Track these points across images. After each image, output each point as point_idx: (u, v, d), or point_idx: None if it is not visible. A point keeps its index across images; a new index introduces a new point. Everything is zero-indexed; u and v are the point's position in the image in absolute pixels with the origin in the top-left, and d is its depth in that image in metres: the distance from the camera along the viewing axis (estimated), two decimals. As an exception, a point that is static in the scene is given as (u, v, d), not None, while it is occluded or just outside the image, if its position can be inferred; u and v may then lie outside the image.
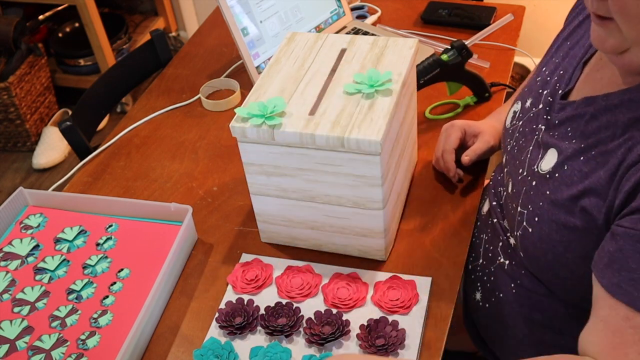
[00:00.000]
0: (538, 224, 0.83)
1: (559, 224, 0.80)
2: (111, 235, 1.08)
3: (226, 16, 1.31)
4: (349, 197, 0.94)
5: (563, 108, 0.84)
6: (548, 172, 0.82)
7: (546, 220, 0.82)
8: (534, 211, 0.84)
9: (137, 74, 1.61)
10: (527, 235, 0.86)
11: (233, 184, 1.18)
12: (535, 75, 0.95)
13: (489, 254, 0.99)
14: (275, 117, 0.89)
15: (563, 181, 0.80)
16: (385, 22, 1.59)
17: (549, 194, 0.81)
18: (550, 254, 0.82)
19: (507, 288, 0.95)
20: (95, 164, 1.27)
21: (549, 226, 0.81)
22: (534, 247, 0.84)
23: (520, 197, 0.88)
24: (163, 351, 0.93)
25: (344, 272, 0.99)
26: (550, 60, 0.94)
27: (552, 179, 0.81)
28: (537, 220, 0.83)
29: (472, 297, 1.03)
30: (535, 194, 0.84)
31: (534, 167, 0.86)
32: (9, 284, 1.02)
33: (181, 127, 1.34)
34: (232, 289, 0.99)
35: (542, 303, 0.91)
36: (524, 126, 0.92)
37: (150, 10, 2.87)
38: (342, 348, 0.89)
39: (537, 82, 0.93)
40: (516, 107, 0.97)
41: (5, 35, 2.34)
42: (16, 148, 2.57)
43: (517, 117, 0.95)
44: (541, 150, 0.85)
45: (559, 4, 2.37)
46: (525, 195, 0.86)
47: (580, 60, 0.87)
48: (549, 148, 0.83)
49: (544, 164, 0.84)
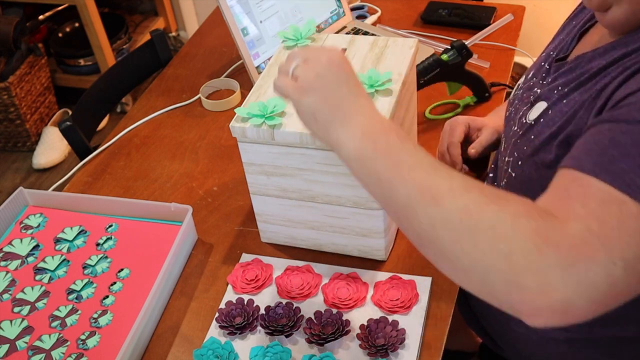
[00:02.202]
0: (520, 167, 0.86)
1: (539, 163, 0.82)
2: (111, 235, 1.08)
3: (226, 16, 1.31)
4: (349, 197, 0.94)
5: (557, 69, 0.88)
6: (534, 119, 0.85)
7: (529, 162, 0.85)
8: (518, 156, 0.87)
9: (137, 74, 1.61)
10: (510, 182, 0.88)
11: (233, 184, 1.18)
12: (542, 53, 0.98)
13: None
14: (275, 117, 0.89)
15: (546, 124, 0.83)
16: (385, 22, 1.59)
17: (533, 139, 0.84)
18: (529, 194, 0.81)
19: None
20: (95, 164, 1.27)
21: (529, 167, 0.84)
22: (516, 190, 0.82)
23: (509, 148, 0.91)
24: (163, 351, 0.93)
25: (344, 272, 0.99)
26: (556, 38, 0.98)
27: (537, 124, 0.84)
28: (520, 164, 0.86)
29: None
30: (521, 141, 0.87)
31: (523, 118, 0.89)
32: (9, 284, 1.02)
33: (181, 127, 1.34)
34: (232, 289, 0.99)
35: None
36: (523, 93, 0.95)
37: (150, 10, 2.87)
38: (342, 348, 0.89)
39: (542, 57, 0.96)
40: (520, 81, 1.00)
41: (5, 35, 2.34)
42: (16, 148, 2.57)
43: (518, 88, 0.99)
44: (530, 104, 0.89)
45: (559, 4, 2.37)
46: (513, 145, 0.89)
47: (578, 31, 0.91)
48: (539, 101, 0.87)
49: (531, 114, 0.87)
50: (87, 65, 2.63)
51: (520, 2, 1.65)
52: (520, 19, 1.55)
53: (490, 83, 1.31)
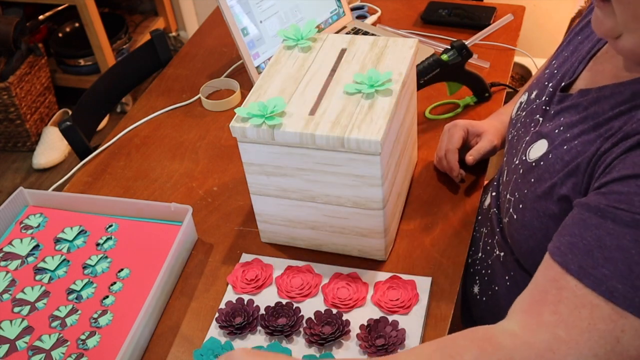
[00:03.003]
0: (522, 211, 0.85)
1: (539, 211, 0.81)
2: (111, 235, 1.08)
3: (226, 16, 1.31)
4: (349, 197, 0.94)
5: (561, 100, 0.85)
6: (535, 160, 0.84)
7: (529, 207, 0.83)
8: (519, 198, 0.86)
9: (137, 74, 1.61)
10: (512, 222, 0.87)
11: (233, 184, 1.18)
12: (545, 68, 0.96)
13: (487, 247, 1.00)
14: (275, 117, 0.89)
15: (547, 169, 0.81)
16: (385, 22, 1.59)
17: (533, 182, 0.83)
18: (531, 240, 0.84)
19: (502, 281, 0.95)
20: (95, 164, 1.27)
21: (530, 213, 0.83)
22: (518, 233, 0.86)
23: (511, 184, 0.89)
24: (163, 351, 0.93)
25: (343, 272, 0.99)
26: (560, 53, 0.94)
27: (538, 167, 0.83)
28: (522, 207, 0.85)
29: (471, 290, 1.04)
30: (522, 181, 0.86)
31: (524, 155, 0.87)
32: (9, 284, 1.02)
33: (181, 127, 1.34)
34: (232, 289, 0.99)
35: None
36: (526, 117, 0.93)
37: (150, 10, 2.87)
38: (342, 348, 0.89)
39: (545, 75, 0.94)
40: (523, 98, 0.98)
41: (5, 35, 2.34)
42: (16, 148, 2.57)
43: (521, 108, 0.96)
44: (532, 139, 0.87)
45: (559, 4, 2.37)
46: (514, 183, 0.88)
47: (587, 54, 0.87)
48: (541, 138, 0.85)
49: (532, 153, 0.85)
50: (87, 65, 2.63)
51: (520, 2, 1.65)
52: (520, 19, 1.55)
53: (490, 83, 1.31)
